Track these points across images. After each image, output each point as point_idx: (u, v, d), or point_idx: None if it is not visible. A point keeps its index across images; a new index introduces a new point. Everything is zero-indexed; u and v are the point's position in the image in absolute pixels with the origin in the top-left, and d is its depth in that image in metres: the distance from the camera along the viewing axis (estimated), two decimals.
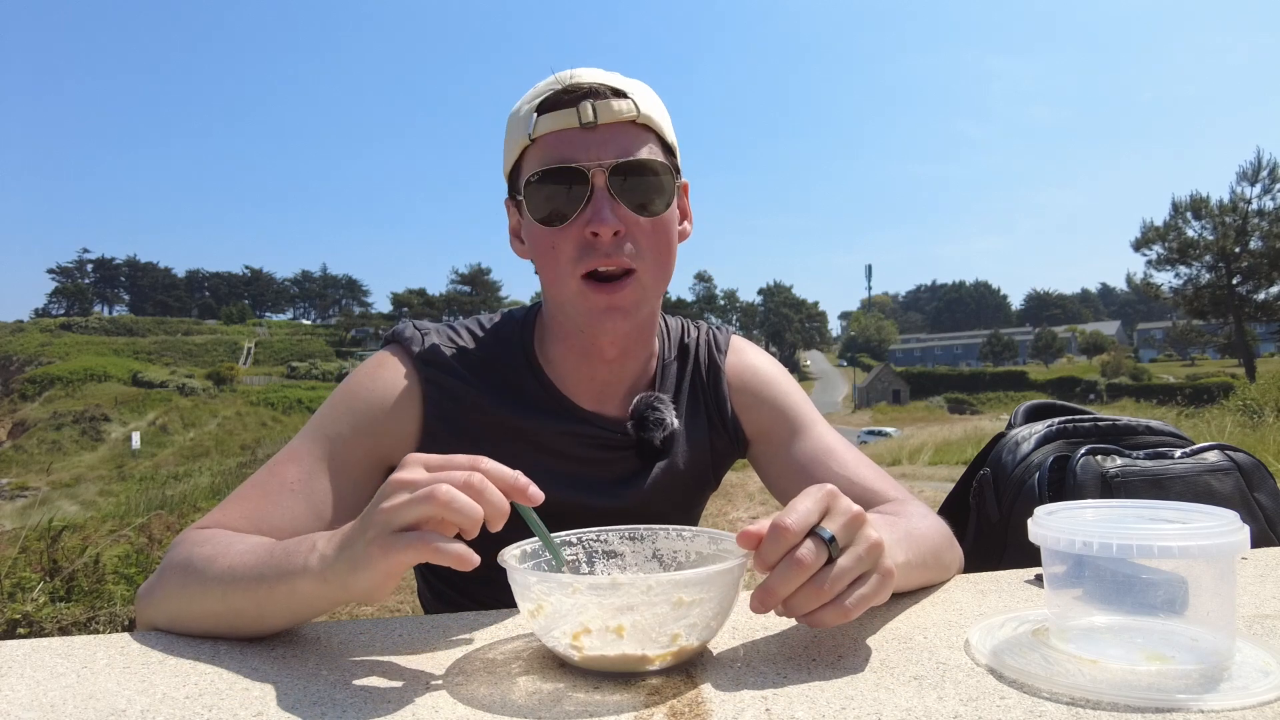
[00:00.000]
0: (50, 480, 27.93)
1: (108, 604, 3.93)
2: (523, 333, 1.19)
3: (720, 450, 1.25)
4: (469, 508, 0.69)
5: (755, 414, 1.24)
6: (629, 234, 1.03)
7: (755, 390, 1.25)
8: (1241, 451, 1.36)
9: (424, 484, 0.70)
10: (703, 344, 1.28)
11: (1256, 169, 40.62)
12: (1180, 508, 0.74)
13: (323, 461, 1.05)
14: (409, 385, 1.11)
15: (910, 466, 16.21)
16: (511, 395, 1.14)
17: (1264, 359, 57.72)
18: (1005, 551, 1.33)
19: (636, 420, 1.16)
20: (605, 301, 1.04)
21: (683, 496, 1.23)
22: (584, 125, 1.01)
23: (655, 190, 1.05)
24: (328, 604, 0.79)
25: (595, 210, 1.01)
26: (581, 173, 1.01)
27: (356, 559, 0.72)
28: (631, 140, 1.04)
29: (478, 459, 0.73)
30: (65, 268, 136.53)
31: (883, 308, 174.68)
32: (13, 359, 65.48)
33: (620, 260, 1.03)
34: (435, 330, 1.18)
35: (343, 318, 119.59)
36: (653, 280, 1.07)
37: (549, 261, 1.05)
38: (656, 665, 0.72)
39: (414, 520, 0.69)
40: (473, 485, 0.70)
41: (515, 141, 1.07)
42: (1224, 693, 0.62)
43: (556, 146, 1.02)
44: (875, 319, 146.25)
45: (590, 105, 1.01)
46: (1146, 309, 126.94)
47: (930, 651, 0.75)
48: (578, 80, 1.04)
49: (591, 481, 1.15)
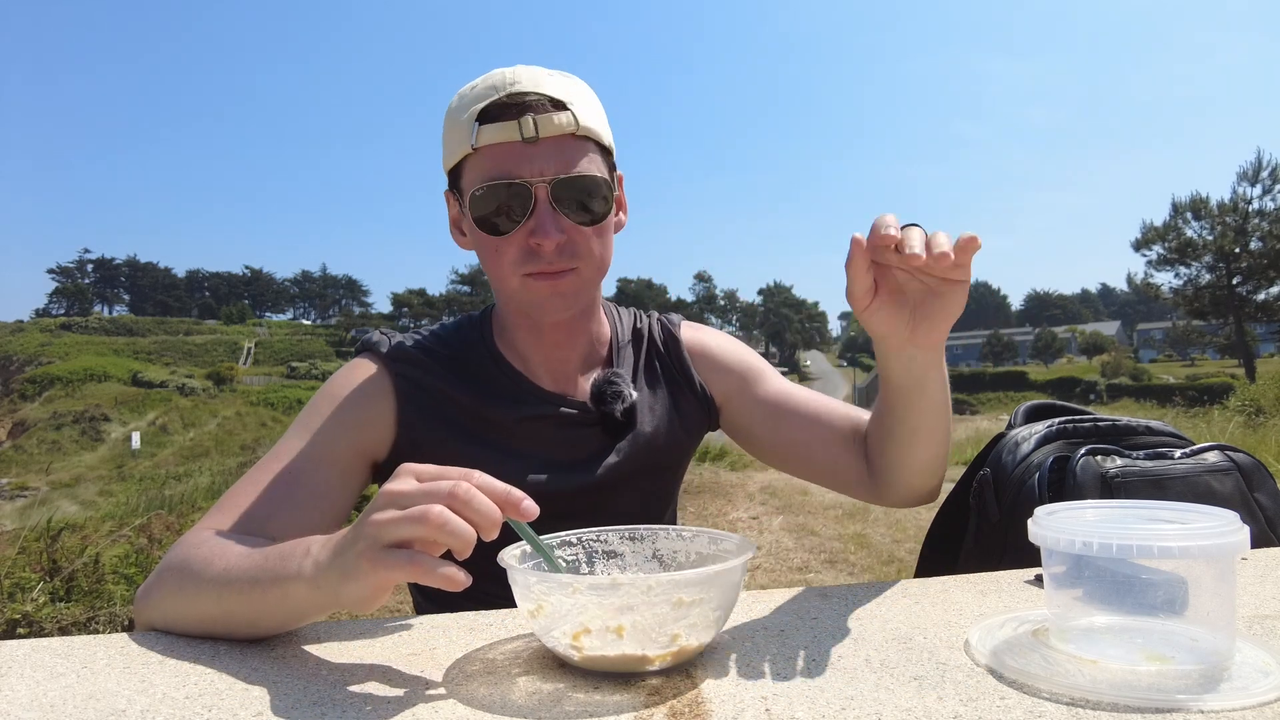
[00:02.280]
0: (50, 480, 27.90)
1: (107, 604, 3.93)
2: (482, 327, 1.26)
3: (689, 416, 1.32)
4: (462, 531, 0.67)
5: (719, 375, 1.33)
6: (569, 240, 1.09)
7: (714, 354, 1.35)
8: (1241, 452, 1.36)
9: (416, 497, 0.69)
10: (655, 325, 1.38)
11: (1257, 169, 40.59)
12: (1180, 508, 0.74)
13: (310, 456, 1.09)
14: (383, 382, 1.18)
15: None
16: (478, 385, 1.20)
17: (1264, 359, 57.61)
18: (1005, 552, 1.33)
19: (596, 395, 1.22)
20: (548, 289, 1.10)
21: (655, 462, 1.28)
22: (525, 140, 1.05)
23: (595, 199, 1.10)
24: (320, 610, 0.79)
25: (539, 223, 1.06)
26: (525, 187, 1.05)
27: (347, 568, 0.72)
28: (572, 152, 1.08)
29: (469, 472, 0.72)
30: (65, 268, 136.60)
31: None
32: (13, 359, 65.48)
33: (560, 266, 1.09)
34: (402, 336, 1.25)
35: (343, 318, 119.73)
36: (591, 273, 1.14)
37: (494, 262, 1.12)
38: (656, 665, 0.72)
39: (404, 539, 0.68)
40: (458, 496, 0.68)
41: (456, 144, 1.11)
42: (1224, 693, 0.62)
43: (499, 160, 1.06)
44: None
45: (532, 120, 1.04)
46: (1146, 309, 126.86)
47: (930, 652, 0.75)
48: (518, 88, 1.06)
49: (565, 462, 1.20)
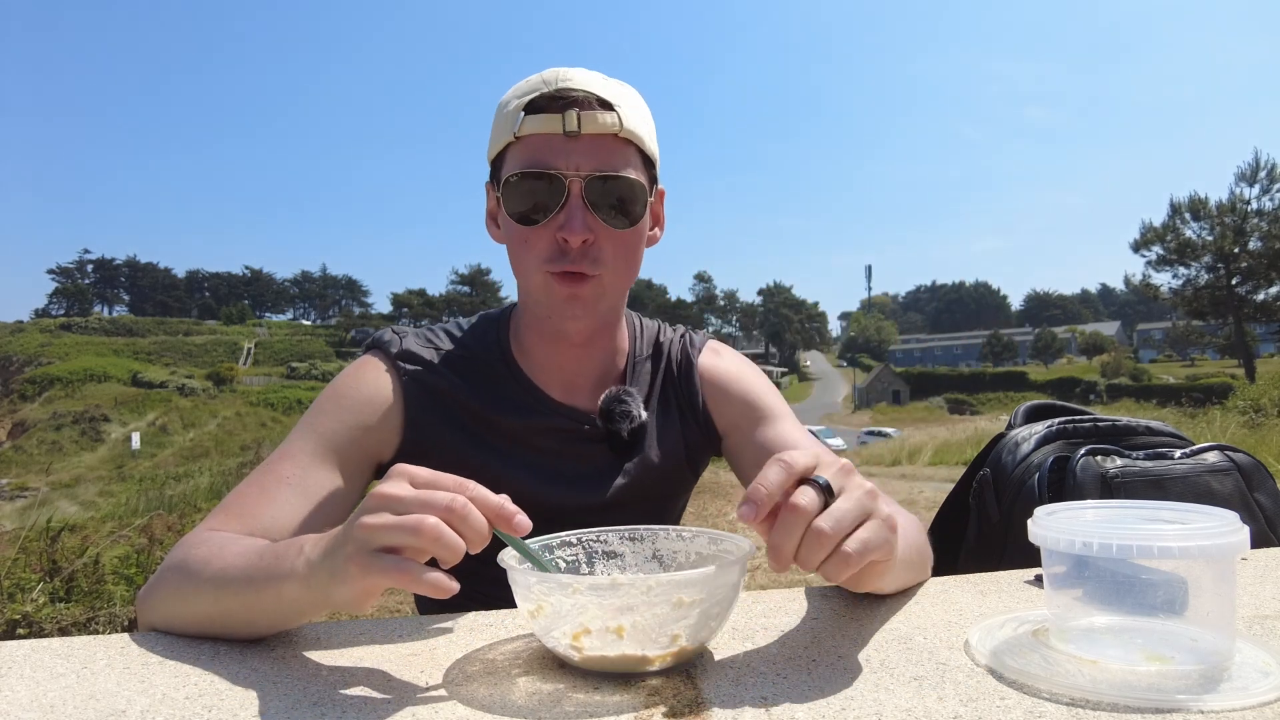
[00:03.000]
0: (50, 480, 27.90)
1: (107, 604, 3.92)
2: (498, 329, 1.23)
3: (694, 444, 1.27)
4: (454, 544, 0.67)
5: (726, 407, 1.27)
6: (597, 242, 1.07)
7: (725, 385, 1.27)
8: (1241, 452, 1.36)
9: (408, 502, 0.69)
10: (676, 343, 1.32)
11: (1255, 169, 40.65)
12: (1180, 508, 0.74)
13: (316, 457, 1.08)
14: (390, 383, 1.15)
15: (910, 467, 16.22)
16: (486, 388, 1.18)
17: (1264, 359, 57.65)
18: (1005, 552, 1.33)
19: (604, 413, 1.19)
20: (568, 291, 1.08)
21: (658, 490, 1.25)
22: (567, 133, 1.04)
23: (628, 204, 1.08)
24: (314, 609, 0.79)
25: (568, 217, 1.05)
26: (559, 179, 1.04)
27: (336, 570, 0.71)
28: (612, 154, 1.06)
29: (464, 482, 0.72)
30: (65, 268, 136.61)
31: (883, 308, 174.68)
32: (13, 359, 65.47)
33: (583, 268, 1.07)
34: (413, 334, 1.22)
35: (343, 318, 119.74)
36: (614, 283, 1.12)
37: (521, 253, 1.10)
38: (656, 666, 0.72)
39: (394, 545, 0.68)
40: (454, 510, 0.68)
41: (500, 134, 1.10)
42: (1224, 693, 0.62)
43: (538, 150, 1.05)
44: (875, 319, 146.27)
45: (576, 115, 1.03)
46: (1146, 309, 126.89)
47: (930, 652, 0.75)
48: (568, 85, 1.05)
49: (568, 477, 1.18)
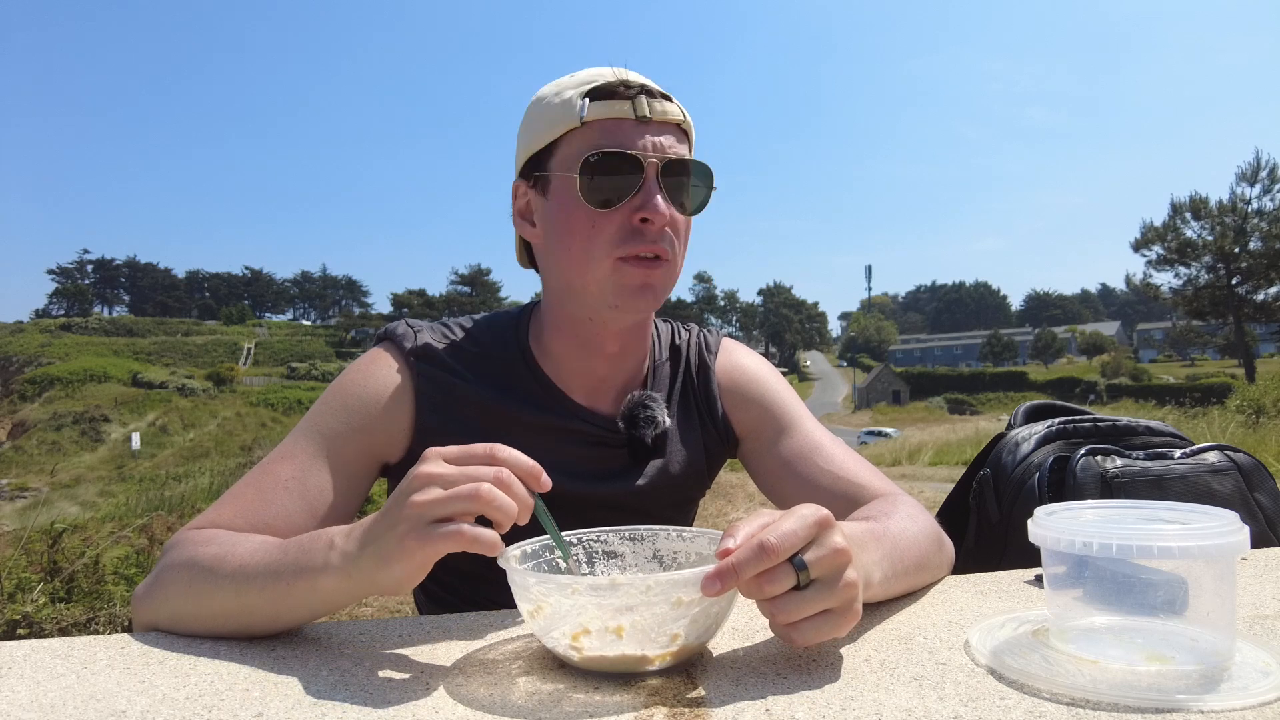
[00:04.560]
0: (50, 481, 27.90)
1: (108, 605, 3.92)
2: (518, 327, 1.19)
3: (713, 450, 1.26)
4: (509, 506, 0.73)
5: (744, 413, 1.25)
6: (672, 223, 1.08)
7: (744, 389, 1.25)
8: (1241, 452, 1.36)
9: (453, 479, 0.73)
10: (693, 345, 1.29)
11: (1255, 169, 40.65)
12: (1180, 508, 0.74)
13: (317, 459, 1.05)
14: (401, 381, 1.11)
15: (910, 467, 16.21)
16: (504, 388, 1.14)
17: (1264, 359, 57.74)
18: (1005, 552, 1.33)
19: (628, 418, 1.16)
20: (642, 278, 1.06)
21: (677, 496, 1.23)
22: (639, 118, 1.05)
23: (700, 189, 1.11)
24: (349, 599, 0.80)
25: (648, 198, 1.04)
26: (638, 161, 1.04)
27: (388, 553, 0.74)
28: (679, 140, 1.09)
29: (494, 447, 0.77)
30: (65, 268, 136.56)
31: (882, 308, 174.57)
32: (13, 359, 65.48)
33: (661, 248, 1.06)
34: (428, 328, 1.18)
35: (343, 318, 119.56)
36: (675, 273, 1.12)
37: (583, 242, 1.05)
38: (656, 665, 0.72)
39: (452, 515, 0.73)
40: (501, 479, 0.74)
41: (550, 123, 1.07)
42: (1224, 693, 0.62)
43: (610, 132, 1.05)
44: (875, 319, 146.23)
45: (645, 101, 1.05)
46: (1146, 309, 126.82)
47: (930, 652, 0.75)
48: (628, 76, 1.08)
49: (585, 478, 1.15)
